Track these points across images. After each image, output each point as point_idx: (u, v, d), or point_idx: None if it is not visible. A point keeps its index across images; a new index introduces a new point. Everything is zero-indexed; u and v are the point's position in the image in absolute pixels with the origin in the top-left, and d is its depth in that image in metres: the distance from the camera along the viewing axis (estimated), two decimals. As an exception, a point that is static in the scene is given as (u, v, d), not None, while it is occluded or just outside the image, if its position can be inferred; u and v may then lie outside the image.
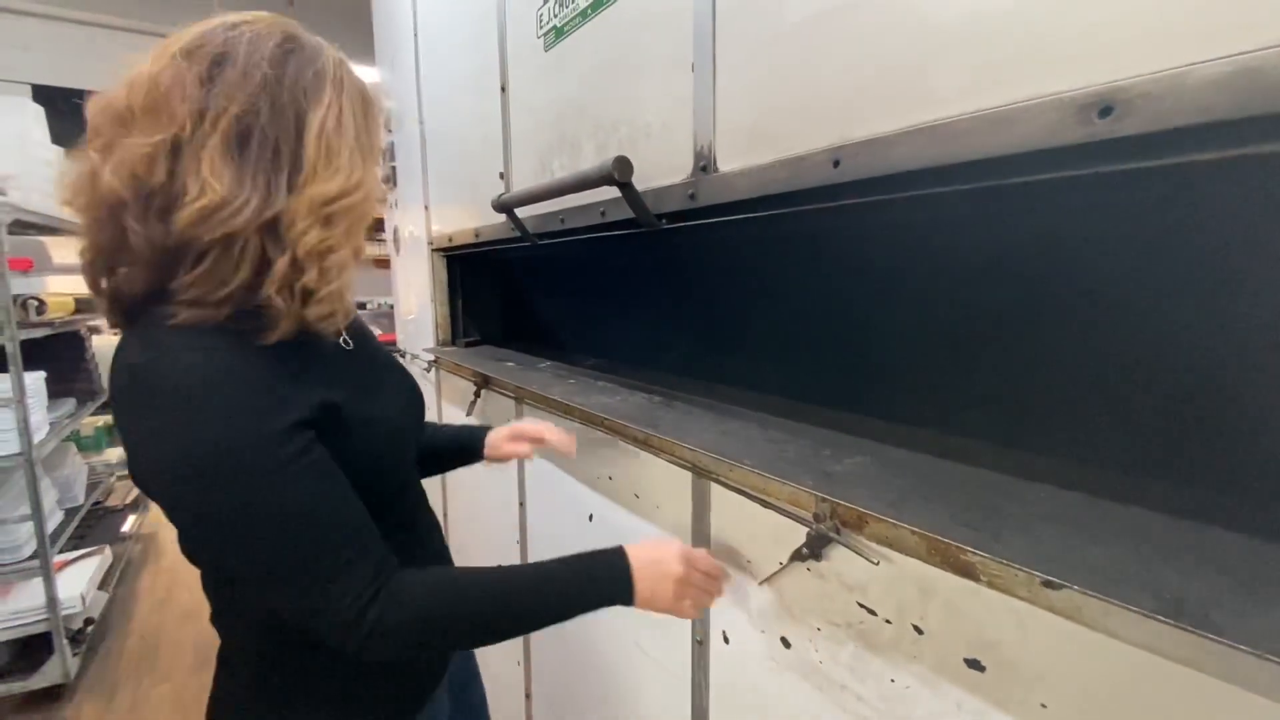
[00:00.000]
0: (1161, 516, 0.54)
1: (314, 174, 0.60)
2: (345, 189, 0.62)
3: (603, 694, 1.20)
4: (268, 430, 0.56)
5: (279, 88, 0.60)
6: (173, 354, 0.55)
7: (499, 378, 1.42)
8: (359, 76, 0.68)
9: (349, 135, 0.63)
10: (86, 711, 2.06)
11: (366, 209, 0.65)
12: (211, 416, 0.54)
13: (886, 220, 0.76)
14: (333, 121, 0.62)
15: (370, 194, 0.65)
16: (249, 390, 0.56)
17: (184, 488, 0.55)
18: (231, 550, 0.58)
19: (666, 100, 0.89)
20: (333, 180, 0.61)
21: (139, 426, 0.56)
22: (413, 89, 2.00)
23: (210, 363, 0.56)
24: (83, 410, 2.70)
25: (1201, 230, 0.56)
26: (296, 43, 0.63)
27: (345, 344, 0.75)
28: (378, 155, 0.68)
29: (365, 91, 0.67)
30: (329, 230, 0.61)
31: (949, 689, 0.57)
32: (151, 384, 0.55)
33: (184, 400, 0.54)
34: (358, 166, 0.64)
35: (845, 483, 0.66)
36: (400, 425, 0.76)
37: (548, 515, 1.37)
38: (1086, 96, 0.44)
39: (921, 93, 0.56)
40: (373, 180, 0.66)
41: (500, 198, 1.25)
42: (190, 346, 0.56)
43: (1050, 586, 0.45)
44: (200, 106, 0.56)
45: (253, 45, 0.60)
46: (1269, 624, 0.38)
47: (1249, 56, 0.37)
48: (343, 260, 0.63)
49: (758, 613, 0.79)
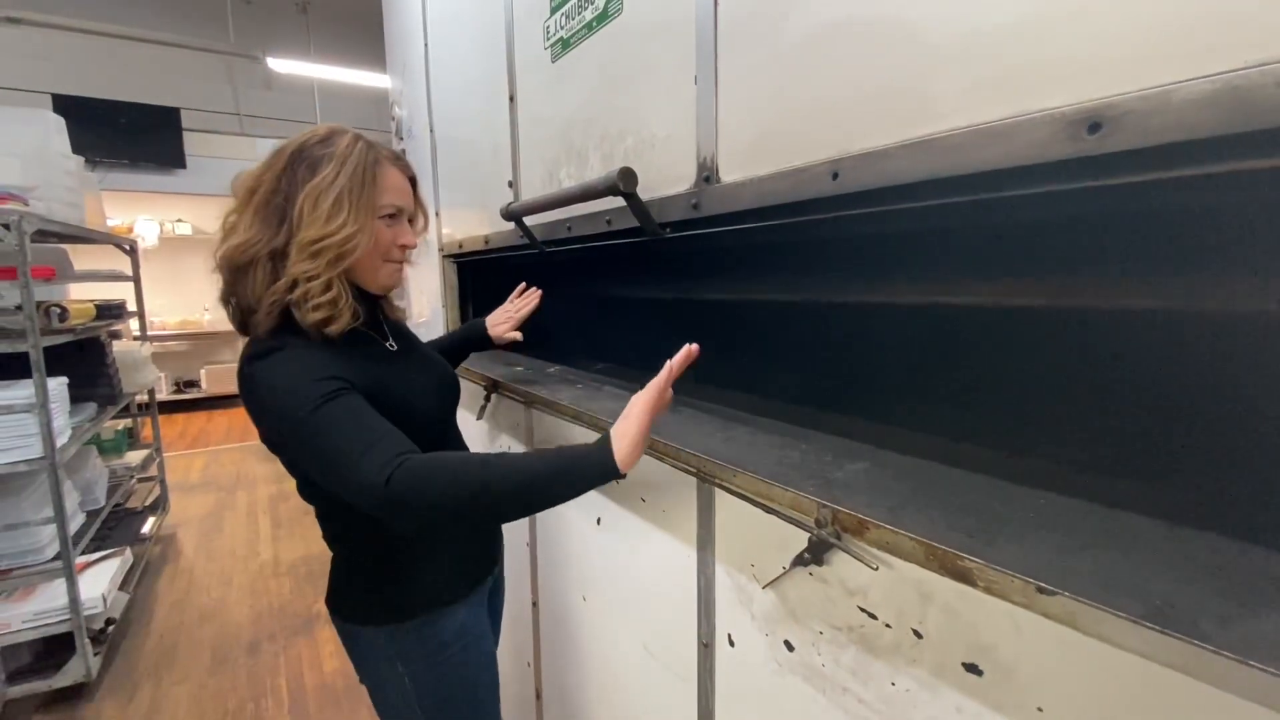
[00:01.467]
0: (1155, 522, 0.54)
1: (300, 222, 0.84)
2: (326, 234, 0.84)
3: (611, 695, 1.22)
4: (315, 391, 0.79)
5: (295, 165, 0.86)
6: (259, 357, 0.83)
7: (508, 383, 1.44)
8: (382, 155, 0.91)
9: (334, 196, 0.84)
10: (107, 710, 2.11)
11: (347, 249, 0.85)
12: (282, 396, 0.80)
13: (886, 230, 0.77)
14: (325, 186, 0.84)
15: (351, 238, 0.85)
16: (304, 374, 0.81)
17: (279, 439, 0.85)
18: (310, 462, 0.81)
19: (670, 112, 0.90)
20: (313, 227, 0.83)
21: (252, 407, 0.85)
22: (423, 97, 2.03)
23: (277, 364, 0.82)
24: (103, 414, 2.75)
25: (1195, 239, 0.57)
26: (330, 137, 0.88)
27: (390, 346, 1.01)
28: (371, 210, 0.89)
29: (371, 167, 0.88)
30: (315, 262, 0.84)
31: (948, 692, 0.58)
32: (252, 379, 0.83)
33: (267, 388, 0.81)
34: (340, 219, 0.85)
35: (846, 489, 0.67)
36: (426, 407, 0.98)
37: (557, 519, 1.38)
38: (1076, 112, 0.45)
39: (918, 107, 0.57)
40: (357, 228, 0.86)
41: (509, 206, 1.27)
42: (268, 351, 0.83)
43: (1044, 592, 0.46)
44: (255, 184, 0.87)
45: (299, 142, 0.88)
46: (1255, 630, 0.39)
47: (1233, 75, 0.38)
48: (325, 284, 0.85)
49: (762, 616, 0.80)
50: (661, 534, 0.99)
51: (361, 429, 0.79)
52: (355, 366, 0.88)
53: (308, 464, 0.83)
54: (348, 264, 0.87)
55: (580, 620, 1.30)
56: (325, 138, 0.89)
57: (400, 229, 0.94)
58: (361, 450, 0.76)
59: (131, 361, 3.24)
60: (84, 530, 2.39)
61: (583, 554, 1.26)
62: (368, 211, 0.88)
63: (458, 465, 0.77)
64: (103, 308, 2.86)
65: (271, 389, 0.81)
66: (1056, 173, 0.48)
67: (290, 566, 3.17)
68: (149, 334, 3.88)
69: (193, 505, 4.07)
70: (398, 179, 0.93)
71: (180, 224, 6.71)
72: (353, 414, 0.80)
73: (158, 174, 6.33)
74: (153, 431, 3.76)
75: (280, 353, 0.83)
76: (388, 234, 0.92)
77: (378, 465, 0.74)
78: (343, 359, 0.87)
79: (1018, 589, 0.48)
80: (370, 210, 0.88)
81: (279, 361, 0.83)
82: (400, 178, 0.94)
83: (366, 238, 0.87)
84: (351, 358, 0.89)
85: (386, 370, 0.95)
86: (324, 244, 0.84)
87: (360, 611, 0.97)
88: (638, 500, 1.05)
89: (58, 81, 5.93)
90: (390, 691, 0.97)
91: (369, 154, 0.89)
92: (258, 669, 2.33)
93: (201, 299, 6.88)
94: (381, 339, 1.01)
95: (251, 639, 2.53)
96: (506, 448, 1.60)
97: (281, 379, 0.81)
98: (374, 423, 0.80)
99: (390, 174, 0.92)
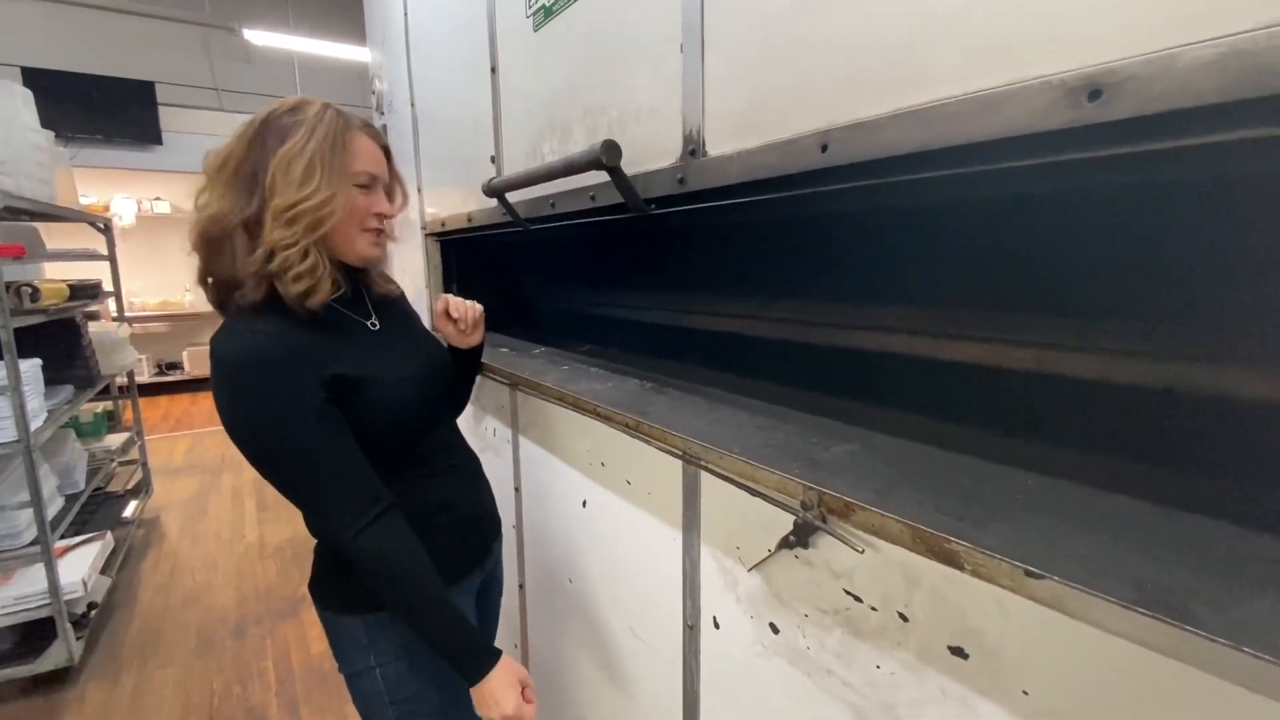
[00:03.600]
0: (1146, 505, 0.54)
1: (273, 190, 0.82)
2: (299, 199, 0.82)
3: (597, 677, 1.21)
4: (287, 398, 0.80)
5: (265, 135, 0.84)
6: (228, 334, 0.81)
7: (493, 364, 1.41)
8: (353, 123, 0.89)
9: (306, 161, 0.82)
10: (91, 693, 2.09)
11: (322, 214, 0.83)
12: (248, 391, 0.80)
13: (877, 206, 0.75)
14: (296, 151, 0.82)
15: (325, 202, 0.83)
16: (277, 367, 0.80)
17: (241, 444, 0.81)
18: (272, 482, 0.83)
19: (655, 82, 0.87)
20: (286, 193, 0.82)
21: (217, 397, 0.81)
22: (403, 69, 1.97)
23: (249, 346, 0.80)
24: (80, 397, 2.70)
25: (1190, 215, 0.55)
26: (300, 106, 0.87)
27: (372, 325, 0.98)
28: (345, 176, 0.87)
29: (342, 133, 0.87)
30: (290, 229, 0.82)
31: (933, 675, 0.58)
32: (215, 359, 0.81)
33: (230, 376, 0.80)
34: (313, 184, 0.83)
35: (833, 471, 0.66)
36: (409, 390, 0.95)
37: (543, 501, 1.37)
38: (1076, 79, 0.43)
39: (910, 75, 0.55)
40: (331, 193, 0.84)
41: (490, 182, 1.23)
42: (239, 331, 0.81)
43: (1032, 576, 0.45)
44: (225, 158, 0.85)
45: (267, 112, 0.86)
46: (1247, 616, 0.38)
47: (1240, 38, 0.36)
48: (302, 251, 0.83)
49: (747, 598, 0.79)
50: (647, 516, 0.98)
51: (328, 476, 0.82)
52: (330, 348, 0.87)
53: (270, 481, 0.84)
54: (324, 230, 0.85)
55: (567, 602, 1.29)
56: (294, 106, 0.87)
57: (375, 198, 0.92)
58: (325, 508, 0.83)
59: (109, 343, 3.18)
60: (63, 514, 2.35)
61: (569, 537, 1.25)
62: (341, 177, 0.86)
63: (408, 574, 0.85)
64: (77, 288, 2.78)
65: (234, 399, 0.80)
66: (1056, 143, 0.46)
67: (276, 549, 3.14)
68: (127, 315, 3.80)
69: (176, 488, 4.03)
70: (370, 146, 0.91)
71: (159, 202, 6.54)
72: (325, 444, 0.82)
73: (133, 150, 6.16)
74: (133, 414, 3.70)
75: (252, 342, 0.80)
76: (363, 202, 0.90)
77: (346, 525, 0.82)
78: (318, 339, 0.86)
79: (1005, 572, 0.47)
80: (344, 176, 0.86)
81: (248, 359, 0.80)
82: (373, 145, 0.92)
83: (342, 203, 0.86)
84: (329, 337, 0.88)
85: (363, 354, 0.92)
86: (298, 210, 0.82)
87: (337, 599, 0.96)
88: (623, 483, 1.04)
89: (27, 54, 5.72)
90: (364, 682, 0.95)
91: (339, 120, 0.87)
92: (244, 652, 2.32)
93: (182, 279, 6.74)
94: (363, 317, 0.98)
95: (237, 622, 2.51)
96: (492, 431, 1.58)
97: (245, 393, 0.80)
98: (336, 466, 0.83)
99: (362, 141, 0.90)
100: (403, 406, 0.94)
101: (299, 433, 0.80)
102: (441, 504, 1.00)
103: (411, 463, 0.97)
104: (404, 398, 0.94)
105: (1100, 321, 0.65)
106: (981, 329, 0.78)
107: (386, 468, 0.91)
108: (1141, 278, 0.61)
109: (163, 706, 2.03)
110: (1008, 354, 0.75)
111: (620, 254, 1.48)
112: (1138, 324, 0.62)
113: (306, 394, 0.81)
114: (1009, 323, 0.75)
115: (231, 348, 0.80)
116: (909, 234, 0.80)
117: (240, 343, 0.80)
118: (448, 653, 0.87)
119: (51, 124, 2.93)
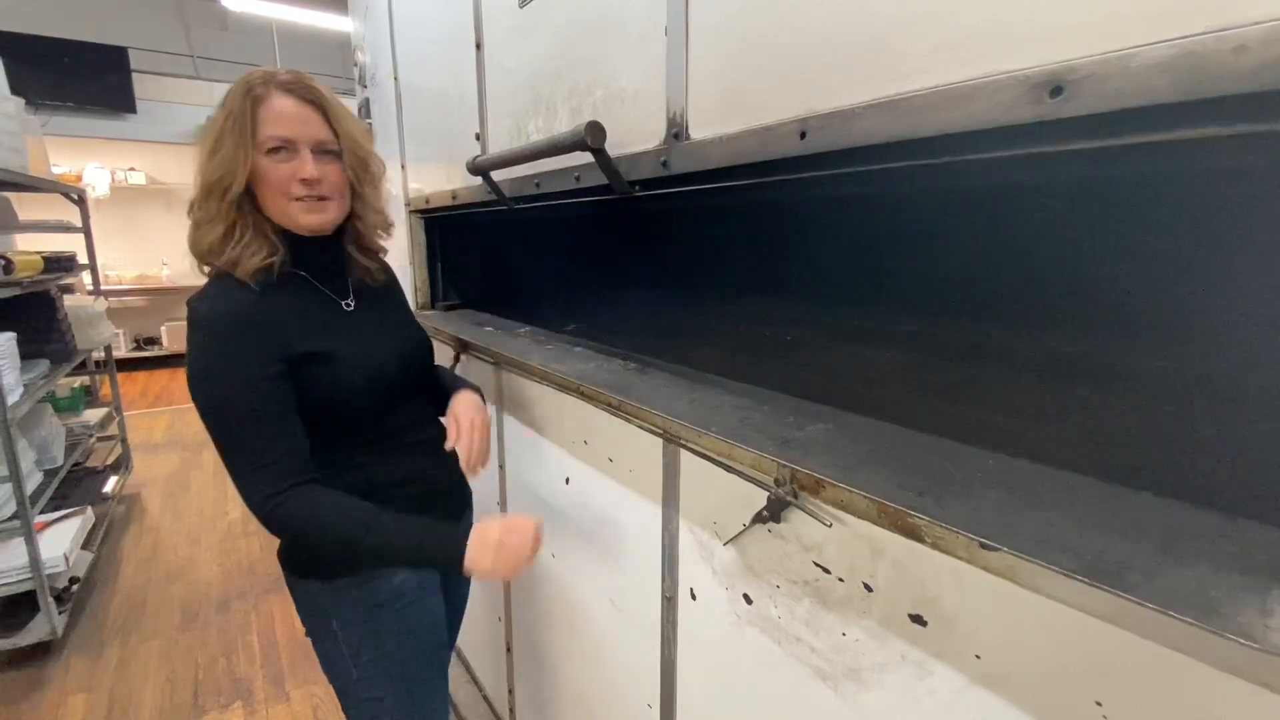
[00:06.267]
0: (1096, 482, 0.57)
1: (199, 166, 0.86)
2: (206, 174, 0.86)
3: (579, 647, 1.25)
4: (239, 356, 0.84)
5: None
6: (203, 294, 0.88)
7: (477, 343, 1.42)
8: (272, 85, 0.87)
9: (215, 135, 0.85)
10: (75, 666, 2.10)
11: (222, 184, 0.85)
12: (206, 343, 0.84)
13: (856, 193, 0.77)
14: (210, 128, 0.86)
15: (225, 173, 0.85)
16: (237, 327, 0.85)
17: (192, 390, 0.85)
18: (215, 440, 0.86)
19: (641, 64, 0.87)
20: (202, 170, 0.86)
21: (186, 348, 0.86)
22: (387, 42, 1.93)
23: (215, 308, 0.86)
24: (57, 371, 2.66)
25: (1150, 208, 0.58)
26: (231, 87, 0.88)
27: (347, 305, 1.00)
28: (248, 144, 0.85)
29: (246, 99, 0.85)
30: (206, 202, 0.87)
31: (894, 641, 0.61)
32: (188, 315, 0.86)
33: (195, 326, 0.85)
34: (218, 156, 0.84)
35: (806, 449, 0.68)
36: (372, 370, 0.96)
37: (527, 478, 1.39)
38: (1039, 75, 0.45)
39: (885, 66, 0.56)
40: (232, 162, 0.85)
41: (475, 160, 1.23)
42: (210, 294, 0.87)
43: (986, 548, 0.48)
44: None
45: None
46: (1176, 582, 0.41)
47: (1189, 40, 0.38)
48: (210, 228, 0.87)
49: (722, 571, 0.82)
50: (628, 492, 1.01)
51: (259, 439, 0.85)
52: (295, 321, 0.90)
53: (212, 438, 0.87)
54: (229, 199, 0.86)
55: (549, 576, 1.32)
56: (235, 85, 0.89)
57: (298, 163, 0.88)
58: (250, 468, 0.85)
59: (85, 317, 3.12)
60: (42, 489, 2.34)
61: (552, 513, 1.28)
62: (244, 145, 0.85)
63: (335, 517, 0.87)
64: (51, 260, 2.73)
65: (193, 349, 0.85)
66: (1020, 137, 0.48)
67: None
68: (103, 289, 3.73)
69: (157, 464, 4.00)
70: (284, 107, 0.87)
71: (133, 173, 6.38)
72: (255, 418, 0.84)
73: (106, 119, 5.98)
74: (111, 389, 3.65)
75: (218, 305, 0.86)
76: (281, 170, 0.87)
77: (263, 492, 0.85)
78: (284, 312, 0.90)
79: (962, 544, 0.49)
80: (246, 144, 0.85)
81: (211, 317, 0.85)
82: (292, 106, 0.88)
83: (243, 172, 0.85)
84: (295, 311, 0.92)
85: (330, 331, 0.94)
86: (208, 184, 0.86)
87: (300, 565, 0.98)
88: (605, 460, 1.06)
89: (-6, 16, 5.51)
90: (328, 647, 0.98)
91: (248, 91, 0.86)
92: (228, 626, 2.34)
93: (160, 253, 6.61)
94: (339, 296, 0.99)
95: (221, 597, 2.53)
96: (476, 408, 1.59)
97: (203, 345, 0.85)
98: (272, 431, 0.85)
99: (276, 103, 0.87)
100: (365, 385, 0.95)
101: (242, 391, 0.84)
102: (406, 477, 1.02)
103: (376, 436, 0.99)
104: (367, 377, 0.95)
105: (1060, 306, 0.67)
106: (954, 313, 0.81)
107: (351, 440, 0.96)
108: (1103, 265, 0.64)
109: (148, 679, 2.05)
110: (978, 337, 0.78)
111: (605, 235, 1.49)
112: (1094, 310, 0.65)
113: (259, 359, 0.85)
114: (981, 307, 0.78)
115: (202, 305, 0.86)
116: (888, 221, 0.82)
117: (209, 305, 0.86)
118: (418, 557, 0.90)
119: (21, 90, 2.85)
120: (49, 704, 1.93)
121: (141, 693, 1.99)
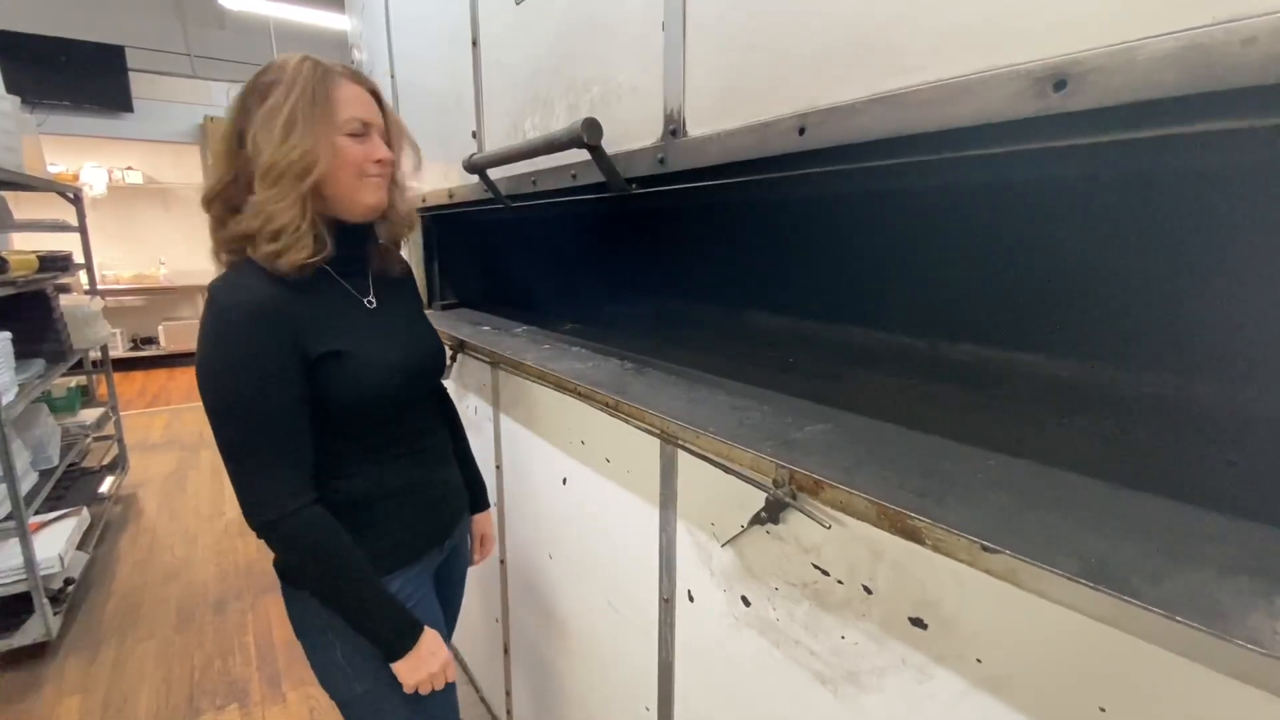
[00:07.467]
0: (1099, 483, 0.56)
1: (258, 150, 0.82)
2: (280, 156, 0.81)
3: (576, 649, 1.24)
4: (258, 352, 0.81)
5: (248, 101, 0.85)
6: (225, 280, 0.84)
7: (474, 342, 1.41)
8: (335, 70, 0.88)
9: (285, 116, 0.82)
10: (71, 667, 2.09)
11: (305, 166, 0.82)
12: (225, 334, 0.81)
13: (855, 189, 0.76)
14: (275, 108, 0.82)
15: (307, 154, 0.82)
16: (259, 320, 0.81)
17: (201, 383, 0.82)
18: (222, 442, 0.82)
19: (638, 61, 0.86)
20: (267, 152, 0.82)
21: (199, 334, 0.82)
22: (383, 39, 1.92)
23: (239, 299, 0.81)
24: (53, 371, 2.64)
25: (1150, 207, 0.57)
26: (277, 64, 0.86)
27: (369, 304, 0.98)
28: (330, 126, 0.85)
29: (321, 82, 0.85)
30: (277, 188, 0.82)
31: (894, 645, 0.60)
32: (208, 300, 0.82)
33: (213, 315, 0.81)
34: (294, 138, 0.82)
35: (805, 450, 0.68)
36: (389, 373, 0.94)
37: (524, 479, 1.38)
38: (1043, 69, 0.44)
39: (886, 60, 0.55)
40: (314, 143, 0.83)
41: (471, 158, 1.22)
42: (234, 282, 0.83)
43: (988, 550, 0.47)
44: (221, 132, 0.87)
45: (250, 79, 0.86)
46: (1182, 586, 0.40)
47: (1197, 32, 0.37)
48: (280, 211, 0.82)
49: (720, 573, 0.82)
50: (626, 493, 1.00)
51: (269, 443, 0.82)
52: (318, 319, 0.87)
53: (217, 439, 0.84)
54: (310, 182, 0.83)
55: (547, 577, 1.31)
56: (271, 66, 0.86)
57: (372, 145, 0.90)
58: (255, 473, 0.82)
59: (81, 316, 3.11)
60: (37, 489, 2.32)
61: (550, 513, 1.27)
62: (325, 127, 0.84)
63: (330, 556, 0.86)
64: (46, 259, 2.71)
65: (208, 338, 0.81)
66: (1024, 132, 0.47)
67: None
68: (100, 288, 3.72)
69: (154, 465, 3.99)
70: (356, 92, 0.89)
71: (130, 172, 6.35)
72: (267, 420, 0.82)
73: (103, 118, 5.95)
74: (108, 389, 3.64)
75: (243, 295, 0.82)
76: (358, 150, 0.88)
77: (266, 501, 0.82)
78: (308, 308, 0.86)
79: (963, 547, 0.49)
80: (328, 126, 0.85)
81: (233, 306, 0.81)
82: (359, 91, 0.90)
83: (326, 153, 0.84)
84: (319, 308, 0.88)
85: (351, 330, 0.91)
86: (281, 166, 0.82)
87: (295, 573, 0.96)
88: (603, 461, 1.05)
89: (-10, 15, 5.49)
90: (321, 657, 0.96)
91: (317, 70, 0.86)
92: (225, 626, 2.32)
93: (157, 252, 6.59)
94: (361, 294, 0.97)
95: (218, 597, 2.51)
96: (474, 409, 1.58)
97: (221, 336, 0.81)
98: (284, 437, 0.83)
99: (346, 88, 0.88)
100: (380, 387, 0.93)
101: (258, 392, 0.81)
102: (407, 486, 1.00)
103: (383, 443, 0.97)
104: (383, 380, 0.93)
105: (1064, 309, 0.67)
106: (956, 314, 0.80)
107: (356, 445, 0.93)
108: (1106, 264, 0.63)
109: (143, 680, 2.04)
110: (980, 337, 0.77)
111: (603, 234, 1.48)
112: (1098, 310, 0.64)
113: (280, 358, 0.82)
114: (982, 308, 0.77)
115: (223, 292, 0.82)
116: (888, 219, 0.81)
117: (233, 294, 0.82)
118: (371, 632, 0.90)
119: (17, 89, 2.84)
120: (44, 705, 1.92)
121: (137, 694, 1.97)
